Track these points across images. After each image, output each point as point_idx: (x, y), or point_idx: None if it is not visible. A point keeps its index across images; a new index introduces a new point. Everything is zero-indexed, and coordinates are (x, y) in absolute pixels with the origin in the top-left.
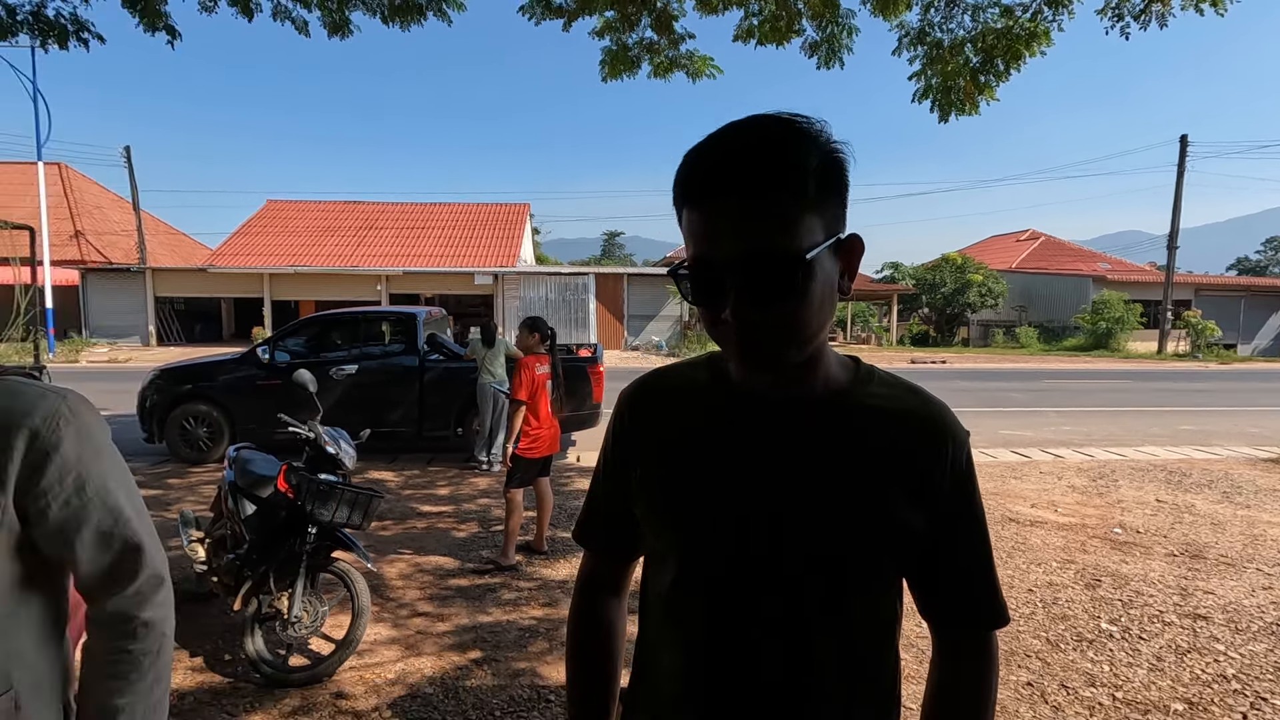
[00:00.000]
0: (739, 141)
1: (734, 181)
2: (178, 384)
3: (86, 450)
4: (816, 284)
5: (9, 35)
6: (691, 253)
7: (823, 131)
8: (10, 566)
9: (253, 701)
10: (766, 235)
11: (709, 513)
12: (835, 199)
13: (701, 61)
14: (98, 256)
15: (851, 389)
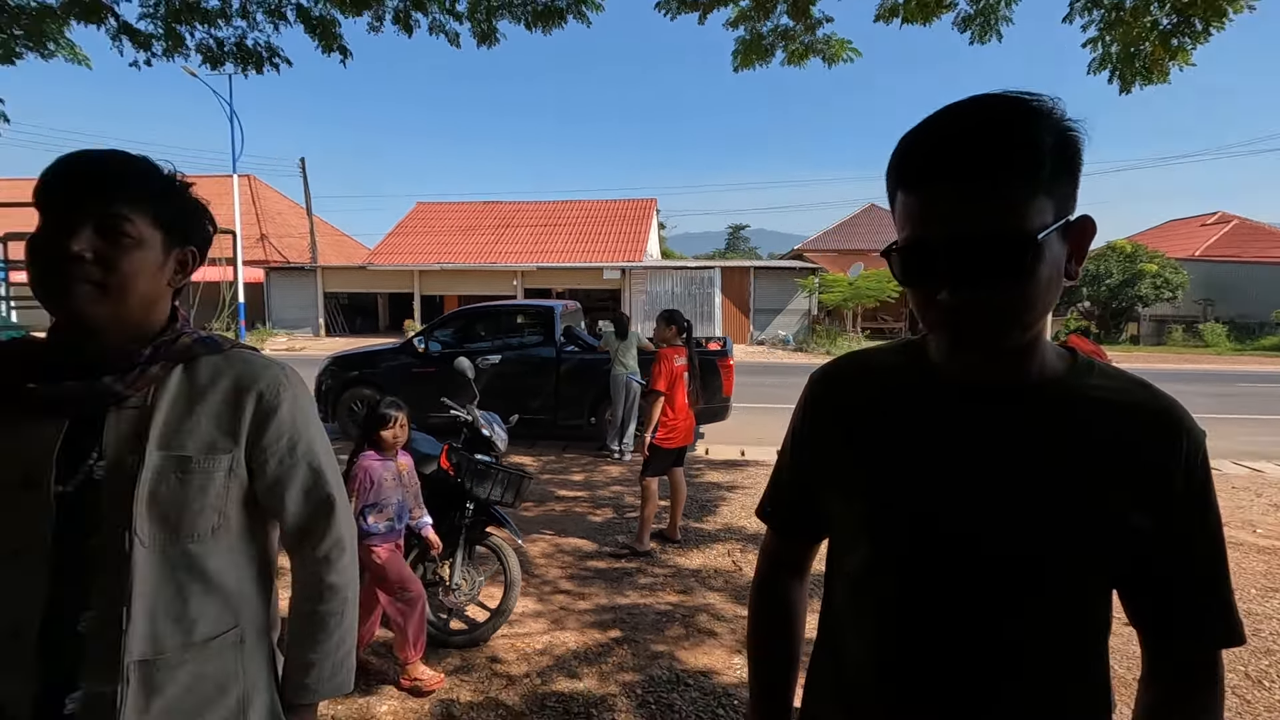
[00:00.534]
0: (964, 122)
1: (960, 163)
2: (347, 370)
3: (299, 415)
4: (1044, 265)
5: (218, 65)
6: (906, 234)
7: (1056, 108)
8: (239, 517)
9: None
10: (994, 216)
11: (905, 498)
12: (1068, 179)
13: (839, 45)
14: (278, 257)
15: (1070, 379)
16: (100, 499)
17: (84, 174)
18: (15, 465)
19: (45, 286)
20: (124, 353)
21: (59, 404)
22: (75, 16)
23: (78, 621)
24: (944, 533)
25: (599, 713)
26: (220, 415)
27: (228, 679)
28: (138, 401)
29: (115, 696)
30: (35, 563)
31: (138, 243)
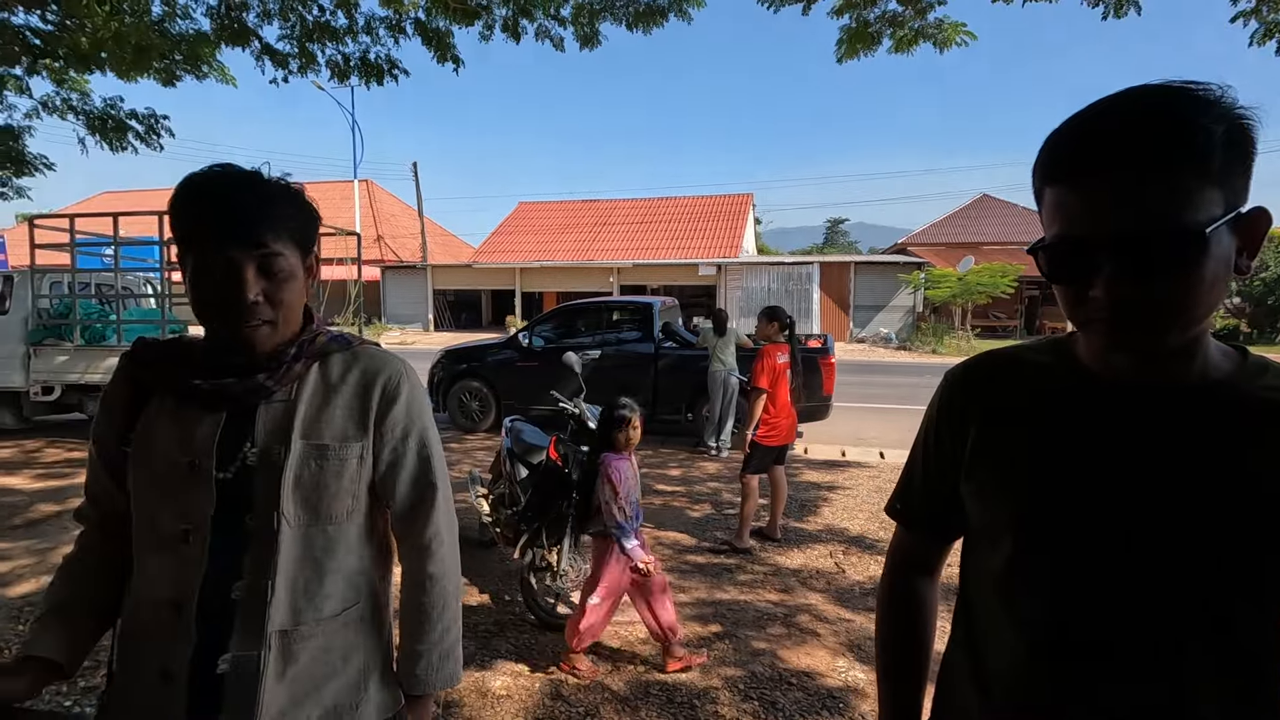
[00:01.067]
0: (1126, 113)
1: (1123, 153)
2: (457, 363)
3: (414, 405)
4: (1210, 259)
5: (344, 78)
6: (1058, 230)
7: (1225, 96)
8: (366, 501)
9: (529, 639)
10: (1158, 208)
11: (1064, 501)
12: (1240, 169)
13: (952, 29)
14: (392, 256)
15: (1241, 380)
16: (253, 484)
17: (232, 215)
18: (185, 453)
19: (220, 325)
20: (274, 353)
21: (221, 399)
22: (225, 41)
23: (230, 592)
24: (1105, 537)
25: (702, 704)
26: (351, 407)
27: (350, 651)
28: (283, 396)
29: (258, 661)
30: (200, 541)
31: (290, 274)
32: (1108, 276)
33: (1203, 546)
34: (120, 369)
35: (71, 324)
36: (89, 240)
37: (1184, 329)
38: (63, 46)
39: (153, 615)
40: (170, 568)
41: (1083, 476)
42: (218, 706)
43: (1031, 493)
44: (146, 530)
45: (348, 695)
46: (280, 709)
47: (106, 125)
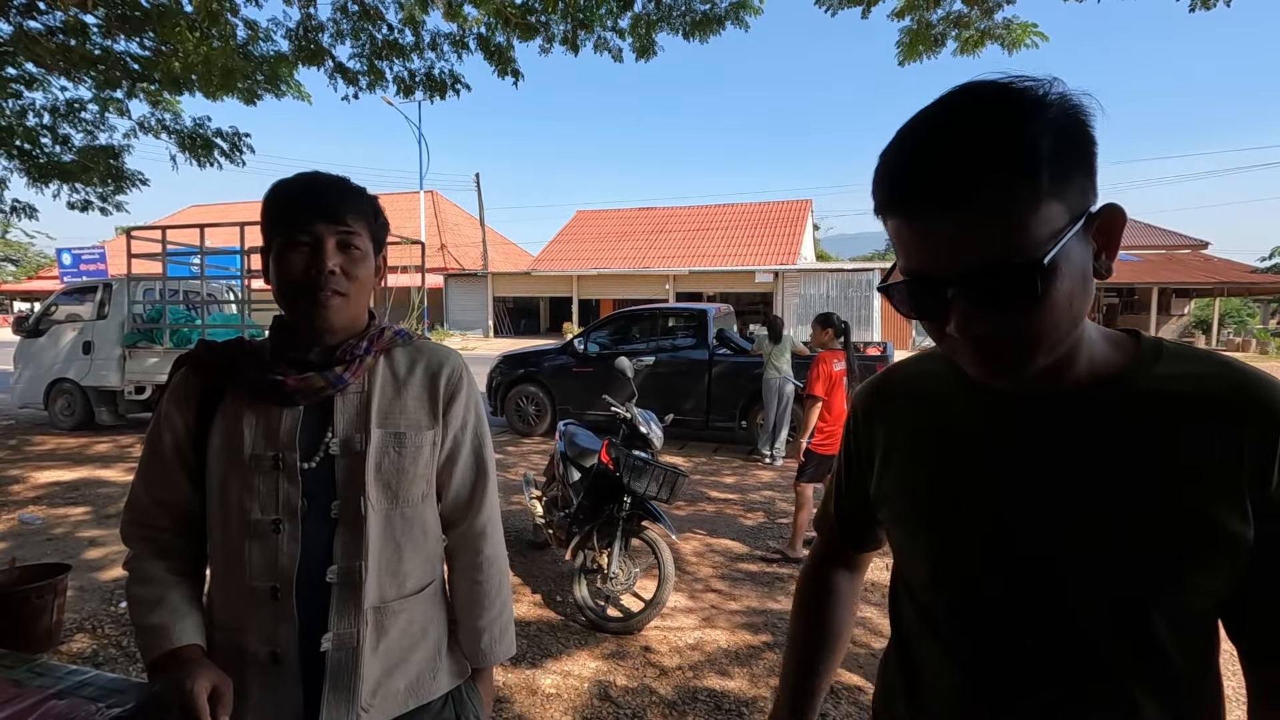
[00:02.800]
0: (944, 134)
1: (944, 186)
2: (515, 368)
3: (472, 397)
4: (1062, 281)
5: (410, 93)
6: (902, 264)
7: (1047, 90)
8: (434, 485)
9: (580, 639)
10: (992, 242)
11: (962, 517)
12: (1079, 169)
13: (1021, 29)
14: (455, 264)
15: (1129, 373)
16: (337, 472)
17: (319, 196)
18: (269, 447)
19: (302, 299)
20: (347, 347)
21: (303, 393)
22: (302, 61)
23: (324, 575)
24: (1012, 552)
25: (750, 713)
26: (421, 397)
27: (428, 624)
28: (357, 388)
29: (357, 637)
30: (293, 530)
31: (364, 255)
32: (956, 316)
33: (1111, 564)
34: (184, 371)
35: (162, 328)
36: (178, 250)
37: (1050, 352)
38: (158, 70)
39: (249, 602)
40: (264, 557)
41: (977, 498)
42: (320, 683)
43: (931, 515)
44: (234, 522)
45: (428, 664)
46: (376, 680)
47: (196, 143)
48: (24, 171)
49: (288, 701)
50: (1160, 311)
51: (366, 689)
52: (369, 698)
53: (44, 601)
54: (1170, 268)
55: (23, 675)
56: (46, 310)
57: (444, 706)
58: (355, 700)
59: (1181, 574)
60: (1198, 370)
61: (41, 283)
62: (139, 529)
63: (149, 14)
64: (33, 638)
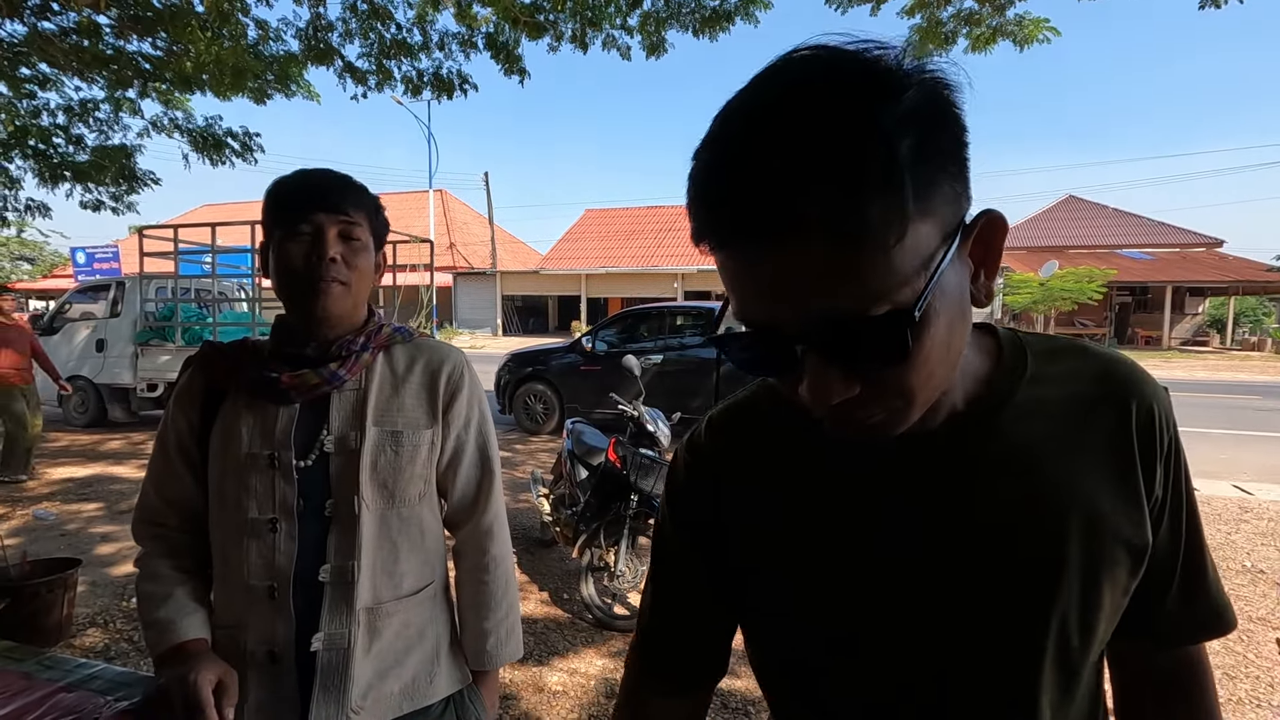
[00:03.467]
0: (761, 132)
1: (766, 211)
2: (523, 366)
3: (474, 395)
4: (938, 323)
5: (418, 93)
6: (736, 309)
7: (899, 62)
8: (433, 485)
9: (586, 637)
10: (844, 288)
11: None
12: (949, 171)
13: (1033, 25)
14: (464, 263)
15: (1003, 386)
16: (332, 470)
17: (321, 189)
18: (265, 445)
19: (303, 287)
20: (343, 343)
21: (298, 390)
22: (312, 61)
23: (317, 574)
24: (906, 621)
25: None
26: (419, 395)
27: (426, 627)
28: (354, 385)
29: (348, 638)
30: (290, 529)
31: (364, 246)
32: (810, 378)
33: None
34: (190, 372)
35: (174, 326)
36: (190, 249)
37: (926, 403)
38: (169, 70)
39: (248, 601)
40: (262, 555)
41: (846, 551)
42: (311, 683)
43: (810, 589)
44: (233, 521)
45: (424, 668)
46: (368, 682)
47: (207, 142)
48: (37, 171)
49: (286, 700)
50: (1174, 310)
51: (357, 690)
52: (360, 699)
53: (54, 596)
54: (1184, 266)
55: (32, 668)
56: (61, 308)
57: (444, 711)
58: (346, 701)
59: (1099, 592)
60: (1068, 369)
61: (56, 281)
62: (149, 527)
63: (161, 14)
64: (43, 631)
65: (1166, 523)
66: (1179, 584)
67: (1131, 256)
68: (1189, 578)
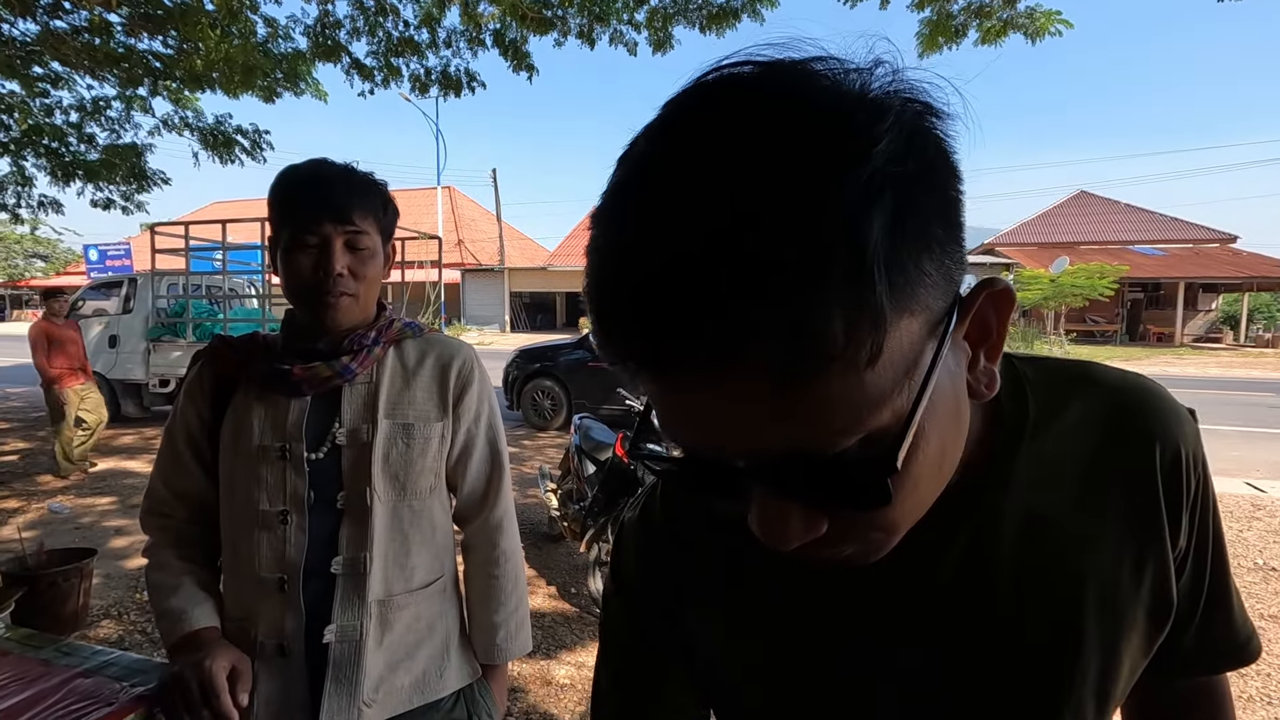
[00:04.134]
0: (673, 227)
1: (700, 338)
2: (531, 363)
3: (483, 390)
4: (926, 448)
5: (426, 91)
6: (665, 427)
7: (857, 101)
8: (443, 479)
9: (594, 631)
10: (802, 423)
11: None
12: (934, 248)
13: (1045, 18)
14: (472, 260)
15: (1003, 453)
16: (343, 463)
17: (327, 193)
18: (276, 438)
19: (310, 299)
20: (354, 337)
21: (310, 383)
22: (319, 58)
23: (329, 566)
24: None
25: None
26: (430, 388)
27: (436, 620)
28: (365, 378)
29: (360, 629)
30: (301, 521)
31: (372, 252)
32: (762, 517)
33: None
34: (200, 365)
35: (185, 322)
36: (201, 246)
37: (910, 527)
38: (179, 68)
39: (258, 593)
40: (272, 547)
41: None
42: (321, 676)
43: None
44: (244, 513)
45: (435, 662)
46: (380, 674)
47: (217, 140)
48: (50, 170)
49: (295, 693)
50: (1187, 307)
51: (369, 683)
52: (372, 692)
53: (71, 585)
54: (1197, 262)
55: (50, 655)
56: (74, 305)
57: (454, 705)
58: (358, 694)
59: (1122, 663)
60: (1076, 409)
61: (69, 278)
62: (157, 518)
63: (171, 12)
64: (60, 619)
65: (1190, 567)
66: (1200, 620)
67: (1144, 252)
68: (1211, 612)
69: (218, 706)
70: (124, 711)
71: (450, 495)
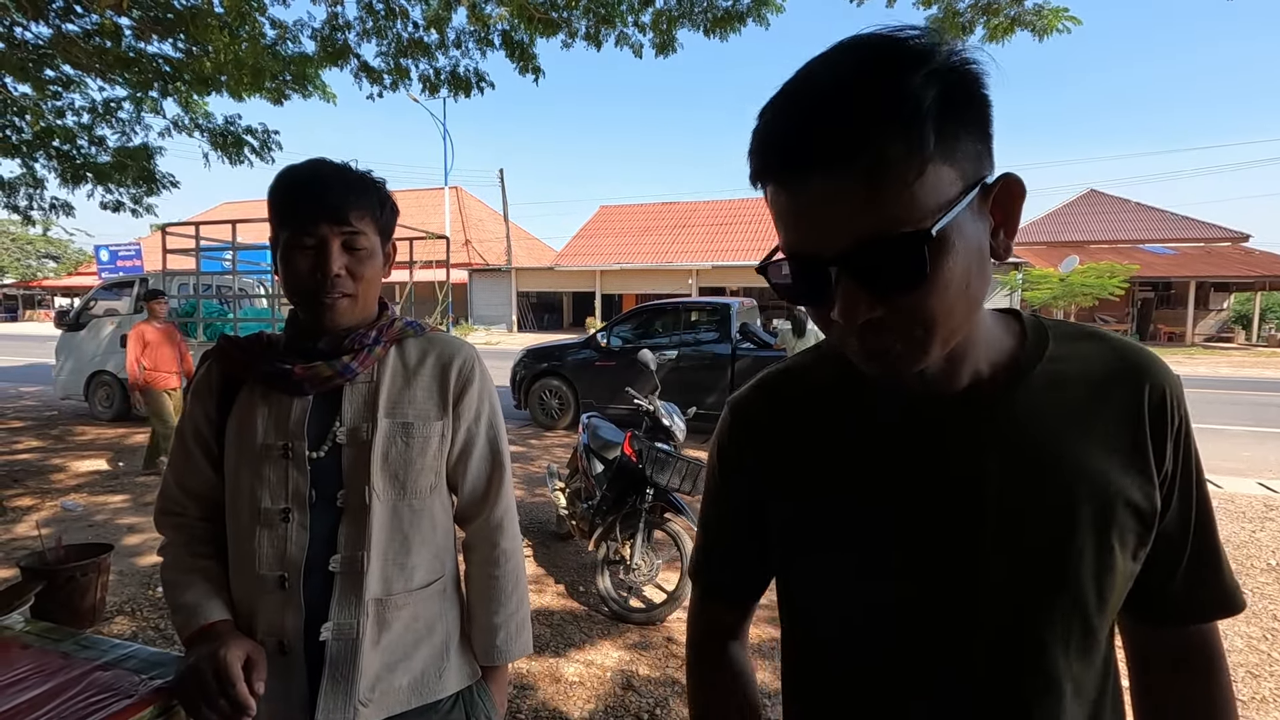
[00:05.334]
0: (811, 86)
1: (811, 145)
2: (538, 362)
3: (485, 389)
4: (955, 257)
5: (435, 92)
6: (782, 241)
7: (936, 46)
8: (444, 479)
9: (602, 629)
10: (872, 212)
11: (866, 543)
12: (971, 134)
13: (1053, 15)
14: (479, 260)
15: (1026, 360)
16: (344, 461)
17: (325, 192)
18: (279, 436)
19: (308, 300)
20: (355, 336)
21: (311, 382)
22: (327, 61)
23: (327, 564)
24: (916, 570)
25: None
26: (430, 388)
27: (435, 621)
28: (366, 377)
29: (356, 628)
30: (302, 519)
31: (370, 253)
32: (840, 300)
33: (1043, 556)
34: (207, 365)
35: (196, 322)
36: (211, 246)
37: (946, 342)
38: (189, 71)
39: (259, 590)
40: (273, 545)
41: (879, 515)
42: (320, 673)
43: (836, 538)
44: (246, 511)
45: (433, 663)
46: (376, 674)
47: (227, 141)
48: (60, 172)
49: (295, 692)
50: (1198, 306)
51: (366, 682)
52: (368, 691)
53: (89, 579)
54: (1209, 261)
55: (70, 648)
56: (86, 305)
57: (453, 707)
58: (353, 693)
59: (1110, 553)
60: (1086, 351)
61: (81, 278)
62: (170, 517)
63: (181, 15)
64: (79, 613)
65: (1176, 501)
66: (1188, 562)
67: (1154, 251)
68: (1198, 557)
69: (234, 695)
70: (143, 704)
71: (452, 495)
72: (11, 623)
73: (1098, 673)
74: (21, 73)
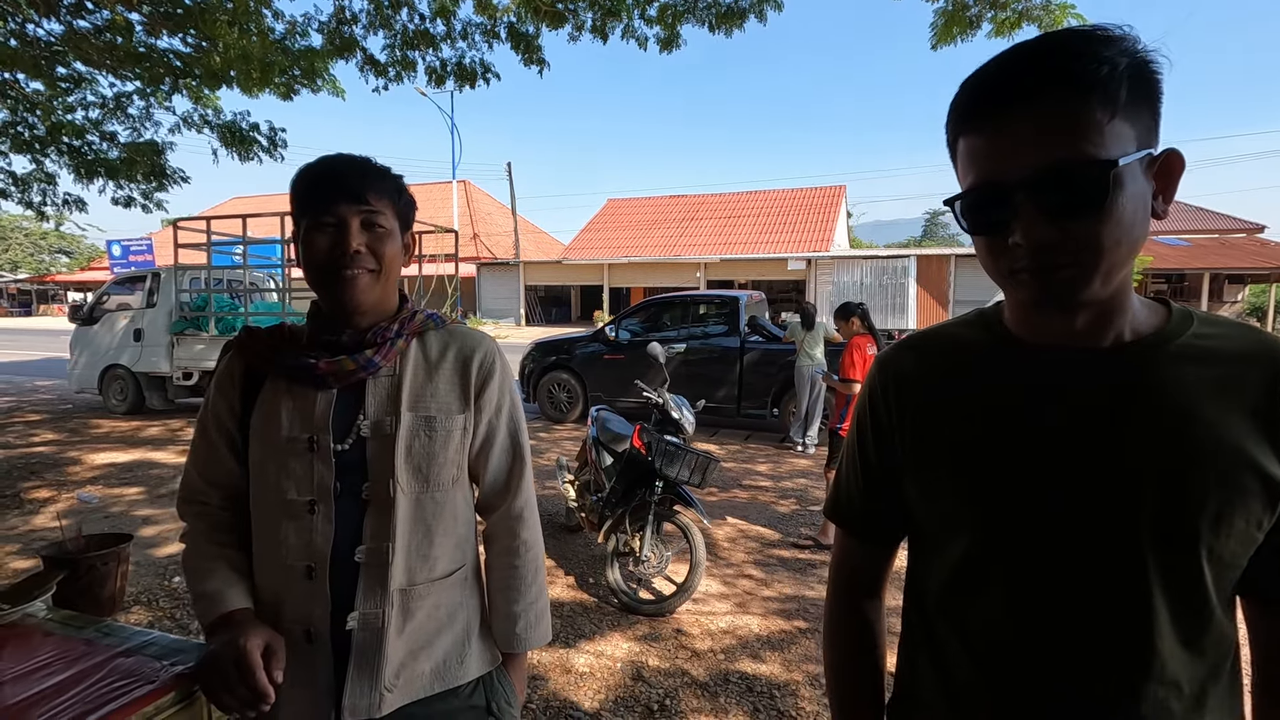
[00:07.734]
0: (1028, 53)
1: (1025, 87)
2: (547, 355)
3: (505, 381)
4: (1126, 198)
5: (441, 83)
6: (971, 179)
7: (1130, 34)
8: (465, 470)
9: (612, 621)
10: (1067, 141)
11: (1009, 490)
12: (1148, 109)
13: (1060, 9)
14: (488, 253)
15: (1167, 334)
16: (368, 454)
17: (344, 176)
18: (304, 429)
19: (329, 278)
20: (378, 330)
21: (335, 376)
22: (333, 54)
23: (353, 555)
24: (1054, 516)
25: (782, 696)
26: (452, 381)
27: (457, 609)
28: (389, 371)
29: (381, 617)
30: (327, 511)
31: (389, 233)
32: (1023, 220)
33: (1170, 511)
34: (230, 356)
35: (207, 316)
36: (222, 240)
37: (1108, 274)
38: (199, 66)
39: (285, 580)
40: (300, 537)
41: (1025, 461)
42: (346, 660)
43: (971, 485)
44: (272, 502)
45: (455, 650)
46: (400, 661)
47: (236, 137)
48: (72, 168)
49: (321, 679)
50: (1212, 298)
51: (390, 669)
52: (393, 678)
53: (109, 569)
54: (1223, 252)
55: (93, 635)
56: (99, 299)
57: (473, 692)
58: (379, 680)
59: (1233, 516)
60: (1227, 332)
61: (93, 273)
62: (192, 505)
63: (191, 10)
64: (99, 602)
65: None
66: None
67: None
68: None
69: (253, 683)
70: (164, 690)
71: (473, 486)
72: (35, 610)
73: (1215, 644)
74: (34, 69)
